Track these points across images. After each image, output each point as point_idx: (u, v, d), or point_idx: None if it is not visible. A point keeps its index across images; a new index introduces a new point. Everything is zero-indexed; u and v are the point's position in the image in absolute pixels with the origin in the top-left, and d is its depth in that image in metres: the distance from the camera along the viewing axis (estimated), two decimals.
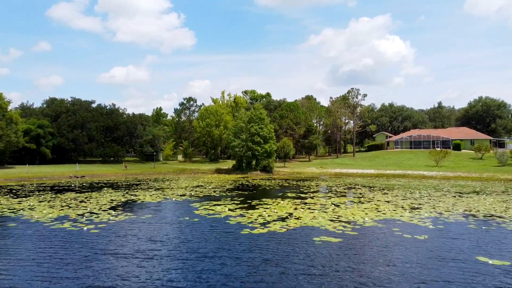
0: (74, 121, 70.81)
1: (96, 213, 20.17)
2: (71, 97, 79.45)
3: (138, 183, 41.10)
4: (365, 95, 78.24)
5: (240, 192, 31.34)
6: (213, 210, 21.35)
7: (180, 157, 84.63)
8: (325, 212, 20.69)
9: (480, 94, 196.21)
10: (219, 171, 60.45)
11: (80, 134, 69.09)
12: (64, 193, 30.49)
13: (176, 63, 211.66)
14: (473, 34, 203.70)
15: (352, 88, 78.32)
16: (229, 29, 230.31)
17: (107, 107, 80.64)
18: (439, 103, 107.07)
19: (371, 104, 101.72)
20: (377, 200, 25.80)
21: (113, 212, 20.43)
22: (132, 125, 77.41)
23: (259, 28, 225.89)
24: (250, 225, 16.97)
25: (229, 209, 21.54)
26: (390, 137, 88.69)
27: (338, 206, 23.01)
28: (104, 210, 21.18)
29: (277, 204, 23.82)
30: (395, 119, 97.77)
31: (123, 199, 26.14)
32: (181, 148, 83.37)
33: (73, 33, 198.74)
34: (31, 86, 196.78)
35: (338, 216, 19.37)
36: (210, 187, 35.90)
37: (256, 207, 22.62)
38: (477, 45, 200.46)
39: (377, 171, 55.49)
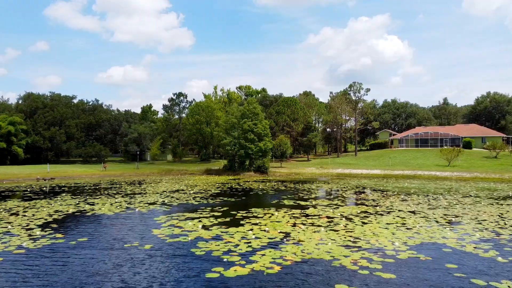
0: (52, 117, 64.76)
1: (14, 234, 14.33)
2: (50, 92, 73.33)
3: (110, 186, 35.19)
4: (368, 90, 72.47)
5: (226, 198, 25.54)
6: (180, 227, 15.56)
7: (170, 157, 78.70)
8: (334, 230, 14.96)
9: (479, 92, 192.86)
10: (208, 172, 54.61)
11: (58, 132, 63.03)
12: (6, 200, 24.58)
13: (174, 63, 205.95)
14: (472, 33, 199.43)
15: (354, 82, 72.52)
16: (228, 29, 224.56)
17: (90, 103, 74.59)
18: (445, 99, 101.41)
19: (373, 100, 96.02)
20: (398, 210, 20.11)
21: (38, 233, 14.57)
22: (116, 122, 71.40)
23: (258, 28, 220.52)
24: (225, 257, 11.16)
25: (203, 226, 15.78)
26: (394, 135, 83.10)
27: (350, 220, 17.28)
28: (29, 229, 15.33)
29: (270, 216, 18.08)
30: (399, 116, 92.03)
31: (71, 210, 20.27)
32: (170, 147, 77.41)
33: (71, 32, 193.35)
34: (28, 86, 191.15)
35: (355, 238, 13.62)
36: (191, 191, 30.08)
37: (242, 221, 16.86)
38: (476, 44, 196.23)
39: (384, 172, 49.88)
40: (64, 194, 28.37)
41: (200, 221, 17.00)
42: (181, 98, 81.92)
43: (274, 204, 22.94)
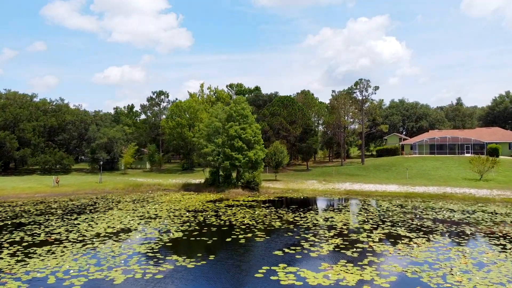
0: (2, 119, 54.20)
1: None
2: (4, 89, 62.69)
3: (31, 221, 24.79)
4: (376, 88, 62.32)
5: (181, 259, 15.27)
6: None
7: (148, 165, 68.22)
8: None
9: (478, 93, 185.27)
10: (187, 187, 44.25)
11: (9, 137, 52.43)
12: None
13: (172, 64, 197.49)
14: (470, 34, 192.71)
15: (361, 79, 62.35)
16: (227, 29, 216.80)
17: (54, 103, 64.03)
18: (458, 100, 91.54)
19: (381, 100, 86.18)
20: None
21: None
22: (82, 125, 60.82)
23: (256, 29, 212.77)
24: None
25: None
26: (404, 139, 73.21)
27: None
28: None
29: None
30: (408, 118, 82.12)
31: None
32: (146, 153, 66.89)
33: (69, 32, 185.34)
34: (25, 86, 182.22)
35: None
36: (139, 235, 19.83)
37: None
38: (474, 45, 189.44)
39: (403, 188, 39.79)
40: None
41: None
42: (162, 97, 71.64)
43: (259, 277, 12.73)
